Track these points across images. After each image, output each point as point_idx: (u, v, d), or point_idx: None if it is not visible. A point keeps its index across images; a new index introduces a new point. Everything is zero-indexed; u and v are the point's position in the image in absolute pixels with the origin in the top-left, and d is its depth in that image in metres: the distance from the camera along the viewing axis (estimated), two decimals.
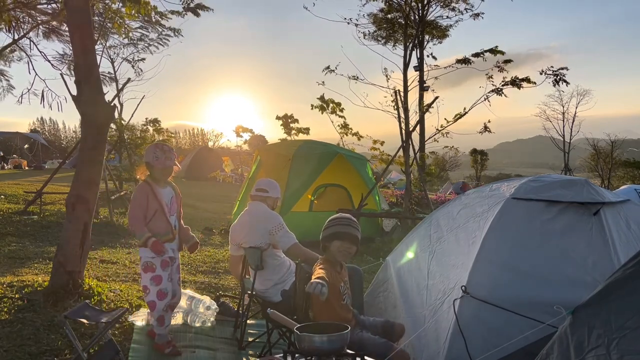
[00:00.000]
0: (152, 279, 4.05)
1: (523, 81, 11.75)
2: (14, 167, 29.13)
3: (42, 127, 65.66)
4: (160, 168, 4.08)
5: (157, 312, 4.09)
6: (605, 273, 3.07)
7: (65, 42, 11.52)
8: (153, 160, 4.06)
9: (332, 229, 3.48)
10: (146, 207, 4.02)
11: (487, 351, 3.15)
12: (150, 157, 4.08)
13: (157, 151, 4.08)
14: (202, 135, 68.32)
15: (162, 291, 4.07)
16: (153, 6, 7.22)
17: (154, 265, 4.05)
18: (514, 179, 4.78)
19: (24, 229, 9.44)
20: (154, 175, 4.11)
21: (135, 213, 4.02)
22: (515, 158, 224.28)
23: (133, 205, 4.06)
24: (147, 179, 4.11)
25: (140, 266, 4.15)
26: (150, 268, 4.05)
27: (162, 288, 4.07)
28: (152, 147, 4.16)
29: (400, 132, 12.63)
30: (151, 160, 4.07)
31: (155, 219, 4.04)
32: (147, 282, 4.07)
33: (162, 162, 4.06)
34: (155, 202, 4.04)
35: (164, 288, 4.08)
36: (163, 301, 4.07)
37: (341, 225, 3.48)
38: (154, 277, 4.05)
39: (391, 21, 21.62)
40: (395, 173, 29.30)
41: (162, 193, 4.12)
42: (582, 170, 41.81)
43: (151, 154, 4.08)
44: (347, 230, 3.45)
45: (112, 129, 13.91)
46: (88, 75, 5.34)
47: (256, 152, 11.98)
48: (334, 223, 3.51)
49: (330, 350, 2.45)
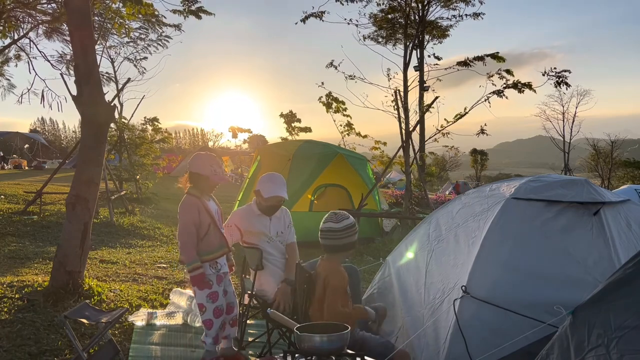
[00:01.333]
0: (209, 295, 3.75)
1: (525, 87, 11.78)
2: (14, 167, 29.14)
3: (43, 127, 65.67)
4: (216, 182, 3.80)
5: (214, 331, 3.81)
6: (606, 273, 3.07)
7: (65, 42, 11.53)
8: (210, 173, 3.74)
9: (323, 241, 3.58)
10: (199, 223, 3.70)
11: (487, 351, 3.15)
12: (206, 170, 3.75)
13: (214, 164, 3.78)
14: (202, 135, 68.35)
15: (219, 308, 3.80)
16: (153, 7, 7.22)
17: (210, 281, 3.75)
18: (514, 179, 4.78)
19: (24, 229, 9.45)
20: (201, 187, 3.78)
21: (188, 238, 3.68)
22: (515, 158, 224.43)
23: (186, 226, 3.70)
24: (194, 192, 3.76)
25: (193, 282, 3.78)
26: (207, 284, 3.73)
27: (219, 305, 3.80)
28: (207, 159, 3.83)
29: (400, 132, 12.64)
30: (208, 172, 3.74)
31: (209, 234, 3.75)
32: (203, 300, 3.75)
33: (220, 176, 3.79)
34: (207, 216, 3.74)
35: (220, 305, 3.81)
36: (219, 319, 3.81)
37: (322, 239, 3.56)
38: (211, 294, 3.76)
39: (391, 21, 21.61)
40: (395, 173, 29.30)
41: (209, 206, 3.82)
42: (582, 170, 41.80)
43: (207, 166, 3.76)
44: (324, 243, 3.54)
45: (112, 129, 13.91)
46: (88, 75, 5.35)
47: (256, 152, 11.98)
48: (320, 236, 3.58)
49: (330, 350, 2.45)
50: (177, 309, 4.96)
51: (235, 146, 36.35)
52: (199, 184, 3.77)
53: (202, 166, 3.77)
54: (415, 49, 19.98)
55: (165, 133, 17.80)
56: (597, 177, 37.55)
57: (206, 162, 3.79)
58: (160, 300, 5.51)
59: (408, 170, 12.59)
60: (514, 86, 11.80)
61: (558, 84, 12.01)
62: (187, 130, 74.91)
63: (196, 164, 3.80)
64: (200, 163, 3.80)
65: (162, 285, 6.15)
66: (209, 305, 3.76)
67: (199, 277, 3.68)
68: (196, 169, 3.77)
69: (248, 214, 4.38)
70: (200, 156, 3.90)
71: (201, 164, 3.79)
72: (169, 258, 8.09)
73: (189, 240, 3.68)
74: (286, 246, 4.44)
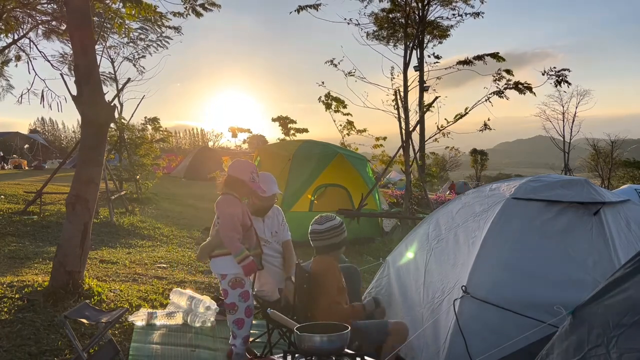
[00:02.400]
0: (241, 295, 3.74)
1: (526, 88, 11.79)
2: (14, 167, 29.13)
3: (42, 127, 65.65)
4: (253, 188, 3.87)
5: (244, 331, 3.78)
6: (606, 273, 3.07)
7: (65, 42, 11.52)
8: (249, 179, 3.82)
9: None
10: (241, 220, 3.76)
11: (487, 351, 3.15)
12: (246, 176, 3.82)
13: (254, 172, 3.89)
14: (202, 135, 68.29)
15: (250, 308, 3.80)
16: (154, 6, 7.21)
17: (242, 280, 3.74)
18: (514, 179, 4.78)
19: (24, 229, 9.44)
20: (237, 191, 3.84)
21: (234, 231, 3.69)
22: (515, 158, 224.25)
23: (231, 222, 3.70)
24: (233, 194, 3.81)
25: (225, 282, 3.75)
26: (239, 284, 3.73)
27: (249, 304, 3.79)
28: (247, 165, 3.94)
29: (400, 132, 12.65)
30: (247, 178, 3.82)
31: (247, 235, 3.81)
32: (235, 299, 3.73)
33: (257, 186, 3.87)
34: (247, 218, 3.81)
35: (250, 304, 3.81)
36: (250, 318, 3.81)
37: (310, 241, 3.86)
38: (243, 294, 3.74)
39: (392, 21, 21.60)
40: (395, 173, 29.28)
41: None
42: (582, 170, 41.78)
43: (248, 173, 3.85)
44: (312, 244, 3.83)
45: (112, 129, 13.90)
46: (88, 75, 5.35)
47: (256, 152, 11.98)
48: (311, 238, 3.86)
49: (330, 350, 2.45)
50: (177, 309, 4.96)
51: (235, 146, 36.33)
52: (236, 188, 3.82)
53: (242, 171, 3.85)
54: (416, 48, 19.99)
55: (165, 132, 17.78)
56: (597, 177, 37.55)
57: (246, 168, 3.89)
58: (160, 300, 5.51)
59: (408, 170, 12.59)
60: (515, 87, 11.81)
61: (558, 82, 12.01)
62: (187, 130, 74.77)
63: (236, 169, 3.88)
64: (240, 168, 3.88)
65: (162, 285, 6.15)
66: (241, 304, 3.74)
67: (252, 265, 3.67)
68: (235, 173, 3.84)
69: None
70: (240, 162, 4.02)
71: (241, 170, 3.87)
72: (169, 258, 8.09)
73: (235, 232, 3.68)
74: (282, 244, 4.45)
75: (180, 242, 9.78)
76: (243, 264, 3.65)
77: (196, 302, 4.96)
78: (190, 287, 6.11)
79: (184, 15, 8.06)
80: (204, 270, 7.38)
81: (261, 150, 11.70)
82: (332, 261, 3.72)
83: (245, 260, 3.64)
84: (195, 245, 9.34)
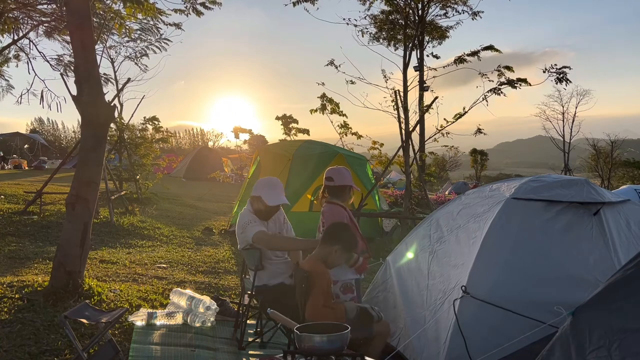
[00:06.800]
0: (352, 300, 3.87)
1: (520, 81, 11.70)
2: (14, 167, 29.12)
3: (41, 127, 65.55)
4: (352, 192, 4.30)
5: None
6: (606, 273, 3.07)
7: (63, 43, 11.52)
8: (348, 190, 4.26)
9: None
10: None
11: (487, 351, 3.15)
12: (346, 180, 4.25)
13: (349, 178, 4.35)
14: (202, 135, 68.20)
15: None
16: (154, 5, 7.19)
17: (352, 286, 3.92)
18: (514, 179, 4.78)
19: (24, 229, 9.44)
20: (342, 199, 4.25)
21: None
22: (515, 158, 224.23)
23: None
24: (339, 202, 4.20)
25: (336, 288, 3.87)
26: (350, 289, 3.90)
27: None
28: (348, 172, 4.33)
29: (400, 132, 12.62)
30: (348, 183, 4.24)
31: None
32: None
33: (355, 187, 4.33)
34: (353, 225, 4.10)
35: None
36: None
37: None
38: (353, 299, 3.89)
39: (392, 22, 21.61)
40: (395, 173, 29.27)
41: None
42: (582, 170, 41.77)
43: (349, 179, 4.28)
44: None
45: (112, 129, 13.88)
46: (88, 75, 5.34)
47: (256, 152, 11.97)
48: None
49: (330, 350, 2.45)
50: (177, 309, 4.96)
51: (235, 146, 36.34)
52: (342, 196, 4.24)
53: (342, 178, 4.27)
54: (415, 49, 19.99)
55: (166, 133, 17.74)
56: (597, 177, 37.54)
57: (347, 175, 4.27)
58: (160, 300, 5.50)
59: (408, 170, 12.57)
60: (508, 83, 11.72)
61: (559, 80, 11.94)
62: (187, 130, 74.66)
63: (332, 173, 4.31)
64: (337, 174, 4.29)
65: (162, 285, 6.15)
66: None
67: (364, 264, 3.99)
68: (342, 181, 4.23)
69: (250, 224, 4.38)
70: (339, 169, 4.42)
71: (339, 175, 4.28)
72: (169, 258, 8.08)
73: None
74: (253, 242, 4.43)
75: (180, 242, 9.78)
76: (356, 265, 3.91)
77: (196, 302, 4.95)
78: (190, 287, 6.12)
79: (185, 13, 8.03)
80: (204, 270, 7.38)
81: (261, 151, 11.69)
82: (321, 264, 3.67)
83: (356, 263, 3.91)
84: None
